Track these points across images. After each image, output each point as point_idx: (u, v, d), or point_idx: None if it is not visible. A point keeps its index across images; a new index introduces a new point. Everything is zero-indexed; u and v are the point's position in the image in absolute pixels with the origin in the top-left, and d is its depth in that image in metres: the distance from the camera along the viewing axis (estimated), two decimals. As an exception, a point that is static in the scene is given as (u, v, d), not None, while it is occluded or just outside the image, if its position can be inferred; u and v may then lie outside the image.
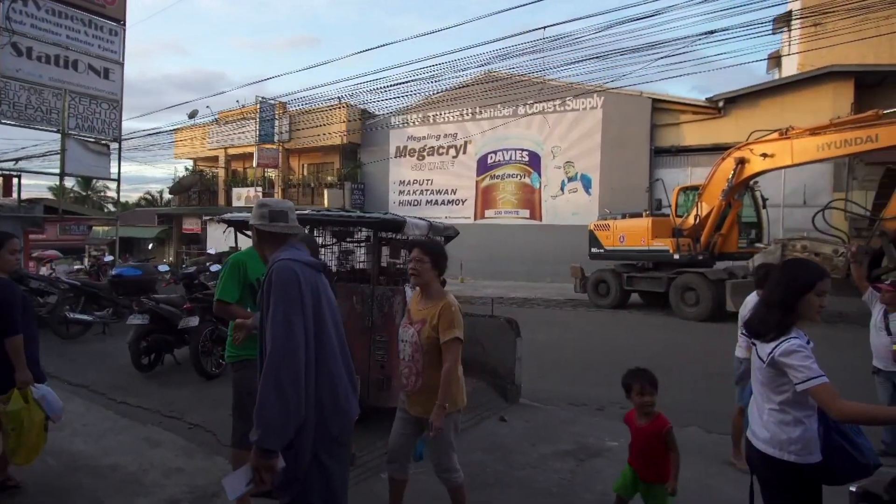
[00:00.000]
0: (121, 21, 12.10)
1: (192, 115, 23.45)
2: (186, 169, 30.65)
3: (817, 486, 2.06)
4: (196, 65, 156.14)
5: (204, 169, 29.02)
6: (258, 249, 3.27)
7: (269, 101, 24.12)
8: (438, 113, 22.79)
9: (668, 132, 19.09)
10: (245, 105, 24.79)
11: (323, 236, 5.35)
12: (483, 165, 22.30)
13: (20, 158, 16.98)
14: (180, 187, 28.25)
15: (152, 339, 6.36)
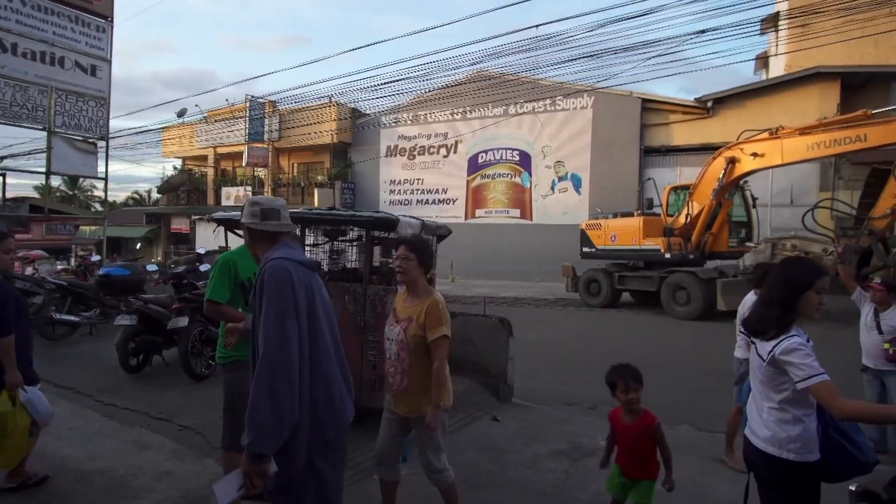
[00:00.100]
0: (108, 18, 11.94)
1: (181, 113, 23.23)
2: (175, 168, 30.39)
3: (816, 485, 2.07)
4: (184, 63, 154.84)
5: (193, 168, 28.77)
6: (250, 248, 3.21)
7: (259, 99, 23.95)
8: (429, 112, 22.76)
9: (658, 132, 19.20)
10: (234, 104, 24.60)
11: (315, 235, 5.32)
12: (474, 165, 22.30)
13: (5, 157, 16.76)
14: (169, 186, 27.98)
15: (140, 339, 6.28)
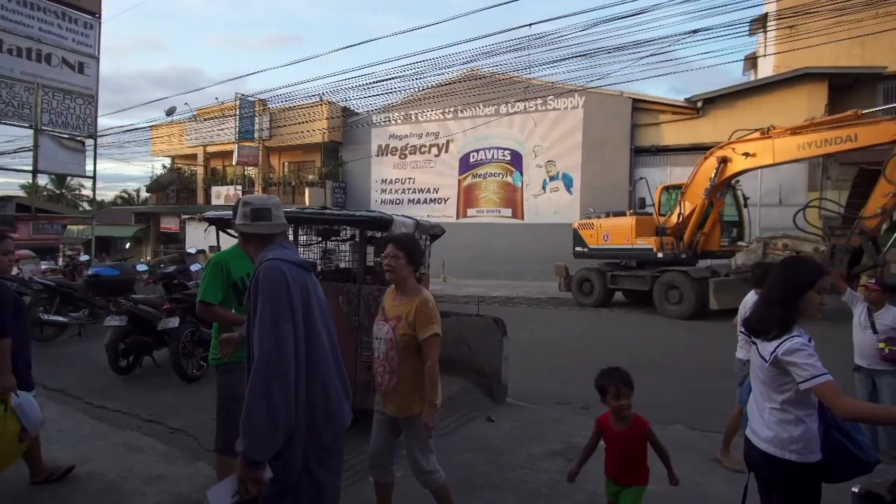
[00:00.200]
0: (96, 14, 11.78)
1: (170, 111, 23.02)
2: (164, 167, 30.11)
3: (817, 485, 2.07)
4: (173, 61, 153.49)
5: (182, 167, 28.52)
6: (244, 249, 3.18)
7: (249, 98, 23.78)
8: (420, 111, 22.72)
9: (648, 132, 19.30)
10: (224, 102, 24.41)
11: (308, 235, 5.27)
12: (465, 164, 22.29)
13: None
14: (158, 185, 27.73)
15: (131, 340, 6.21)
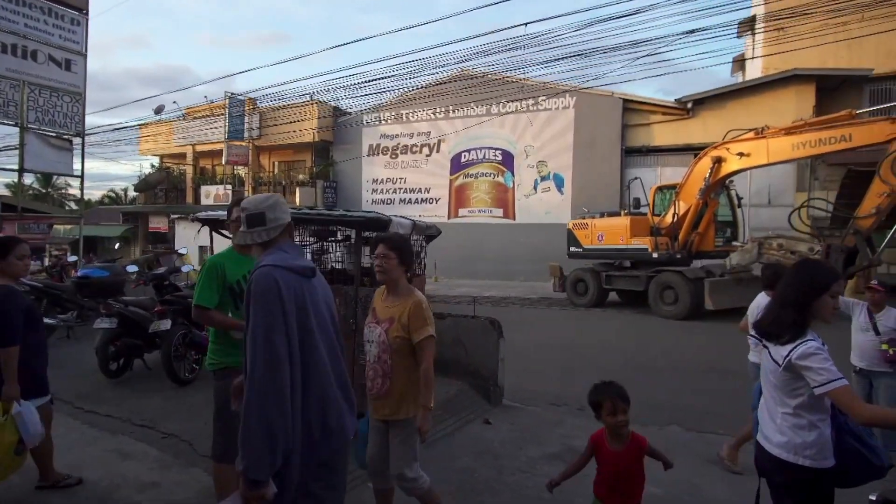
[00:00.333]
0: (83, 10, 11.59)
1: (159, 110, 22.77)
2: (153, 166, 29.79)
3: (830, 491, 2.06)
4: (160, 59, 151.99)
5: (171, 166, 28.23)
6: (242, 251, 3.13)
7: (239, 97, 23.58)
8: (412, 111, 22.66)
9: (639, 132, 19.39)
10: (213, 101, 24.19)
11: (302, 235, 5.21)
12: (456, 164, 22.27)
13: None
14: (146, 185, 27.41)
15: (121, 343, 6.10)
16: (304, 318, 1.91)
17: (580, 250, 14.73)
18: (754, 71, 19.48)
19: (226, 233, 5.44)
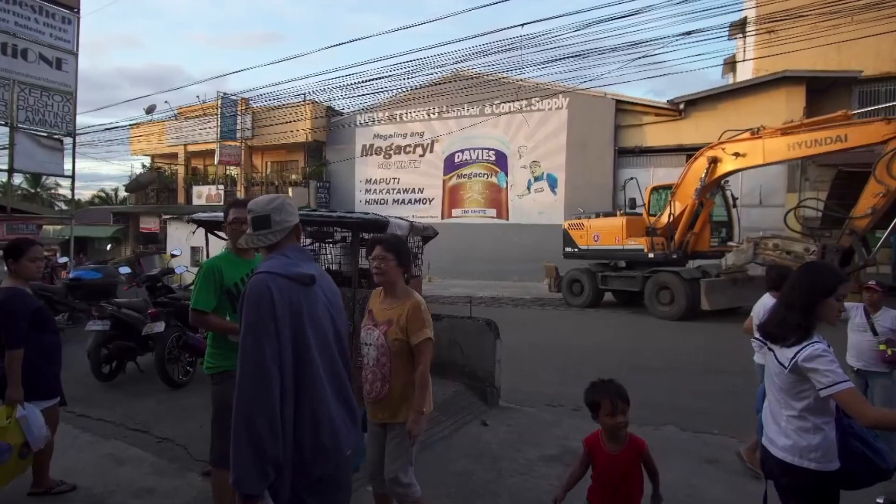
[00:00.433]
0: (74, 9, 11.45)
1: (150, 110, 22.60)
2: (144, 166, 29.55)
3: (836, 493, 2.06)
4: (152, 59, 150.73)
5: (162, 166, 28.02)
6: (246, 254, 3.11)
7: (231, 96, 23.45)
8: (405, 111, 22.62)
9: (632, 133, 19.45)
10: (205, 101, 24.04)
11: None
12: (450, 164, 22.25)
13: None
14: (137, 185, 27.18)
15: (114, 346, 6.04)
16: (299, 329, 1.84)
17: (576, 250, 14.72)
18: (745, 73, 19.60)
19: (222, 234, 5.41)
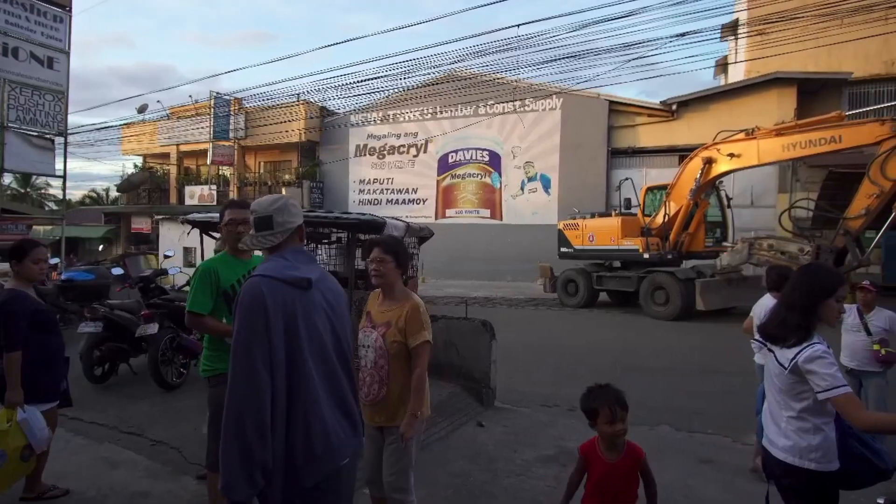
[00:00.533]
0: (66, 7, 11.33)
1: (142, 109, 22.45)
2: (135, 166, 29.34)
3: (835, 494, 2.08)
4: (143, 58, 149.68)
5: (154, 166, 27.83)
6: (243, 255, 3.09)
7: (225, 96, 23.32)
8: (399, 112, 22.60)
9: (624, 134, 19.52)
10: (198, 101, 23.90)
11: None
12: (444, 165, 22.25)
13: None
14: (129, 185, 26.97)
15: (106, 348, 5.98)
16: (293, 334, 1.81)
17: (571, 251, 14.73)
18: (737, 74, 19.73)
19: (216, 235, 5.37)
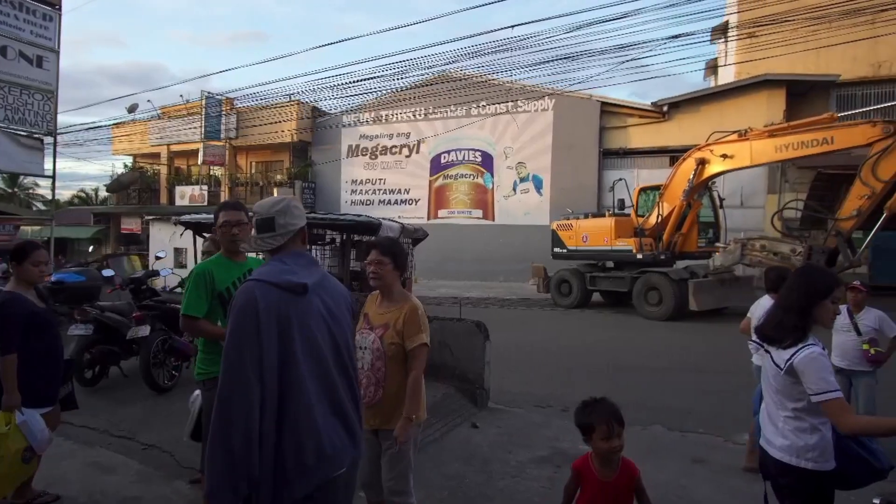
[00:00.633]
0: (56, 6, 11.18)
1: (132, 109, 22.26)
2: (125, 165, 29.08)
3: (831, 493, 2.10)
4: (134, 57, 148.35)
5: (144, 166, 27.61)
6: (237, 257, 3.08)
7: (216, 96, 23.18)
8: (391, 112, 22.57)
9: (616, 135, 19.62)
10: (189, 100, 23.73)
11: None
12: (436, 165, 22.26)
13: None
14: (119, 185, 26.72)
15: (97, 350, 5.92)
16: (286, 340, 1.77)
17: (564, 251, 14.75)
18: (727, 75, 19.88)
19: (207, 236, 5.34)
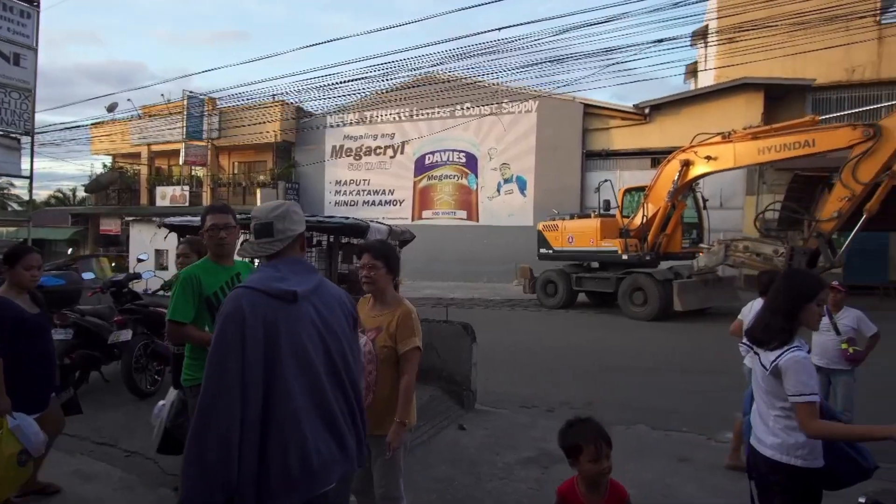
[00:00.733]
0: (34, 2, 10.96)
1: (112, 108, 21.90)
2: (104, 165, 28.57)
3: (819, 492, 2.16)
4: (113, 56, 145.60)
5: (124, 166, 27.16)
6: (224, 261, 3.05)
7: (199, 96, 22.90)
8: (376, 113, 22.52)
9: (599, 136, 19.82)
10: (171, 100, 23.43)
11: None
12: (421, 166, 22.26)
13: None
14: (97, 185, 26.22)
15: (77, 355, 5.79)
16: (273, 349, 1.74)
17: (550, 252, 14.82)
18: (706, 79, 20.20)
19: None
